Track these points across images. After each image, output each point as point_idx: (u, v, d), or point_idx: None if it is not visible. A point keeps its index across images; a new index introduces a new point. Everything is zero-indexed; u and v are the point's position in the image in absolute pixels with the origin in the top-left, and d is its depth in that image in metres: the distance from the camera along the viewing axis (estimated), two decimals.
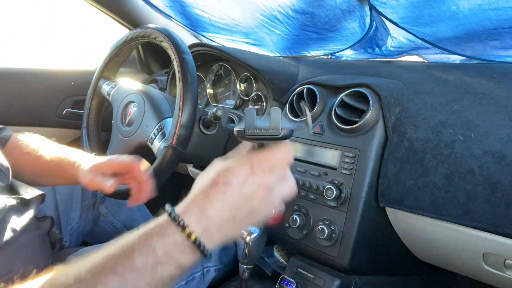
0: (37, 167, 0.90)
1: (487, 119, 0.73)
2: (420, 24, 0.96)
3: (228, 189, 0.46)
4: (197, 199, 0.47)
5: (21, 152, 0.90)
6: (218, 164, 0.50)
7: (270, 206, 0.49)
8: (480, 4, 0.82)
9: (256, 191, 0.47)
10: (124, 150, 1.11)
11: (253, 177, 0.47)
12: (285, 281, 0.89)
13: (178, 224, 0.44)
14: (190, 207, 0.46)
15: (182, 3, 1.32)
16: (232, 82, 1.27)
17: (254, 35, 1.36)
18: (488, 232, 0.71)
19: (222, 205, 0.46)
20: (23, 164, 0.90)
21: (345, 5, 1.02)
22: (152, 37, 1.04)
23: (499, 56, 0.96)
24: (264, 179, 0.48)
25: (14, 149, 0.91)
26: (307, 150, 0.92)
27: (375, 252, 0.89)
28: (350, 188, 0.83)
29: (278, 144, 0.51)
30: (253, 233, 0.81)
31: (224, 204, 0.46)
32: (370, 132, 0.83)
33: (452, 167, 0.73)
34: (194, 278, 0.93)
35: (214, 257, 0.98)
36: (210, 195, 0.46)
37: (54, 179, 0.91)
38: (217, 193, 0.46)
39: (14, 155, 0.89)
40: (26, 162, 0.90)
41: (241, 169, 0.48)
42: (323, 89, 0.95)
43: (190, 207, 0.46)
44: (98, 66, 1.18)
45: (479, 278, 0.87)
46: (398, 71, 0.95)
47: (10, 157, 0.87)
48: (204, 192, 0.47)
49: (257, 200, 0.48)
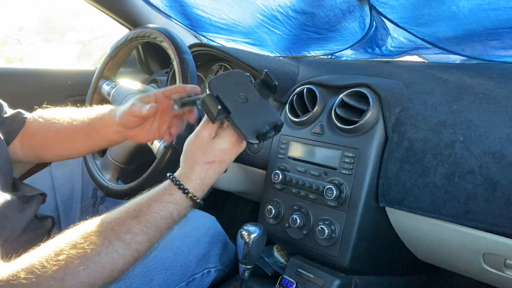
0: (69, 135, 0.86)
1: (487, 119, 0.73)
2: (420, 24, 0.96)
3: (222, 165, 0.65)
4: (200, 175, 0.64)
5: (48, 128, 0.88)
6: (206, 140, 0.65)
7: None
8: (480, 4, 0.82)
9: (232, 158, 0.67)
10: (124, 150, 1.11)
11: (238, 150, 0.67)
12: (285, 281, 0.89)
13: (189, 197, 0.62)
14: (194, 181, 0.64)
15: (182, 3, 1.32)
16: None
17: (254, 35, 1.35)
18: (488, 232, 0.71)
19: (216, 176, 0.65)
20: (53, 138, 0.87)
21: (345, 5, 1.02)
22: (152, 37, 1.04)
23: (499, 56, 0.96)
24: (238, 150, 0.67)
25: (38, 128, 0.88)
26: (307, 150, 0.92)
27: (375, 252, 0.89)
28: (350, 188, 0.83)
29: None
30: (253, 233, 0.81)
31: (217, 175, 0.66)
32: (370, 132, 0.83)
33: (452, 167, 0.73)
34: (194, 279, 0.93)
35: (215, 257, 0.99)
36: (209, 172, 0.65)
37: (90, 141, 0.86)
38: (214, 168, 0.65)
39: (40, 133, 0.87)
40: (55, 135, 0.87)
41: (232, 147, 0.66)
42: (323, 89, 0.95)
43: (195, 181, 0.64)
44: (98, 66, 1.18)
45: (479, 278, 0.87)
46: (398, 71, 0.95)
47: (35, 137, 0.86)
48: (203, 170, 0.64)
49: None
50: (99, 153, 1.20)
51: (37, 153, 0.90)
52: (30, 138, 0.88)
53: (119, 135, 0.82)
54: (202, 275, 0.95)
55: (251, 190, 1.21)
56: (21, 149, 0.89)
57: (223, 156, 0.65)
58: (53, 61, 1.77)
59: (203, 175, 0.65)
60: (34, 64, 1.57)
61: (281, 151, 0.98)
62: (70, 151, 0.90)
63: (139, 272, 0.83)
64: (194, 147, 0.66)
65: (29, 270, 0.49)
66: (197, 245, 0.94)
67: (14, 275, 0.48)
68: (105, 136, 0.84)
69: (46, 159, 0.94)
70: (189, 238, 0.94)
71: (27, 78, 1.43)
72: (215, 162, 0.65)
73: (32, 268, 0.49)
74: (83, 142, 0.87)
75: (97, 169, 1.12)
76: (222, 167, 0.66)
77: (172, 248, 0.90)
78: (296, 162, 0.94)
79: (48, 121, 0.89)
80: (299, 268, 0.90)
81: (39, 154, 0.90)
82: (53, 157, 0.93)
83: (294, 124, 0.97)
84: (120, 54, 1.16)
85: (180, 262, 0.90)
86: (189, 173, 0.64)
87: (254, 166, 1.08)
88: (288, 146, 0.96)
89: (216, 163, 0.65)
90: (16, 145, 0.88)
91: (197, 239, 0.95)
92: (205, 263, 0.96)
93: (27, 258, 0.51)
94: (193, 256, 0.93)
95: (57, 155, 0.91)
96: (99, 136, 0.84)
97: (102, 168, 1.13)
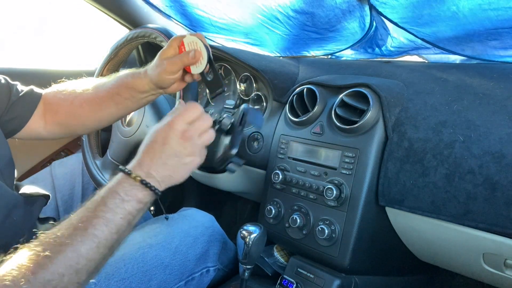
0: (97, 105, 0.87)
1: (487, 119, 0.73)
2: (420, 24, 0.96)
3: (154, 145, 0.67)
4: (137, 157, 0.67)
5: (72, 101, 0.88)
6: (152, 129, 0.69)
7: (191, 148, 0.68)
8: (480, 4, 0.82)
9: (174, 139, 0.67)
10: (124, 150, 1.11)
11: (170, 129, 0.67)
12: (285, 281, 0.89)
13: (126, 173, 0.64)
14: (133, 162, 0.66)
15: (182, 3, 1.32)
16: (232, 82, 1.27)
17: (254, 35, 1.35)
18: (488, 232, 0.71)
19: (152, 156, 0.66)
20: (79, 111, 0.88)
21: (345, 5, 1.02)
22: (152, 37, 1.04)
23: (499, 56, 0.96)
24: (177, 129, 0.67)
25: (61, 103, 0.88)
26: (307, 150, 0.92)
27: (375, 252, 0.89)
28: (350, 188, 0.83)
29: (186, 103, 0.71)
30: (253, 233, 0.81)
31: (154, 155, 0.66)
32: (370, 132, 0.83)
33: (452, 167, 0.73)
34: (193, 278, 0.93)
35: (213, 257, 0.98)
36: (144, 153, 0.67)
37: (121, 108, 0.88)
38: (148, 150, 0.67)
39: (64, 108, 0.88)
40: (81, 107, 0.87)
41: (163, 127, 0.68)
42: (323, 89, 0.95)
43: (133, 162, 0.66)
44: (98, 66, 1.18)
45: (479, 278, 0.87)
46: (398, 71, 0.95)
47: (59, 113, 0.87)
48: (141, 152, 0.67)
49: (176, 146, 0.67)
50: (99, 153, 1.20)
51: (65, 128, 0.91)
52: (54, 115, 0.88)
53: (154, 97, 0.86)
54: (201, 274, 0.95)
55: (251, 190, 1.21)
56: (44, 126, 0.89)
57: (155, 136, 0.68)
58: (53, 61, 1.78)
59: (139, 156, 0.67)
60: (34, 64, 1.57)
61: (281, 151, 0.98)
62: (99, 121, 0.90)
63: (138, 271, 0.83)
64: None
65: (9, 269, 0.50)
66: (195, 244, 0.94)
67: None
68: (140, 101, 0.87)
69: (75, 132, 0.95)
70: (187, 237, 0.94)
71: (27, 78, 1.43)
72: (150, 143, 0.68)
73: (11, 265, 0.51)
74: (113, 111, 0.88)
75: (97, 169, 1.13)
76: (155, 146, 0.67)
77: (171, 247, 0.90)
78: (296, 162, 0.94)
79: (70, 95, 0.89)
80: (299, 268, 0.90)
81: (68, 128, 0.91)
82: (82, 130, 0.94)
83: (294, 124, 0.97)
84: (120, 54, 1.16)
85: (179, 261, 0.90)
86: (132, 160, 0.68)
87: (254, 166, 1.08)
88: (288, 146, 0.96)
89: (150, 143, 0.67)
90: (37, 123, 0.88)
91: (195, 238, 0.95)
92: (204, 262, 0.96)
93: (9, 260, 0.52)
94: (192, 255, 0.92)
95: (86, 127, 0.92)
96: (133, 103, 0.87)
97: (102, 168, 1.14)
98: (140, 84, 0.83)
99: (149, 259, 0.85)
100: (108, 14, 1.42)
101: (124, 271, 0.81)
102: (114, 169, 1.10)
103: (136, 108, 0.90)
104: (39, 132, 0.89)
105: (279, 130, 1.01)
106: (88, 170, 1.13)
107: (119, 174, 0.65)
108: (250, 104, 1.18)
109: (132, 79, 0.84)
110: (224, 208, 1.75)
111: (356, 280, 0.87)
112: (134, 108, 0.90)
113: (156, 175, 0.65)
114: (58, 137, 0.95)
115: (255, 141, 1.08)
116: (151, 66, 0.81)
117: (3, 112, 0.83)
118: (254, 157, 1.07)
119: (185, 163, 0.68)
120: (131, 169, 0.65)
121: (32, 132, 0.88)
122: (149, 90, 0.83)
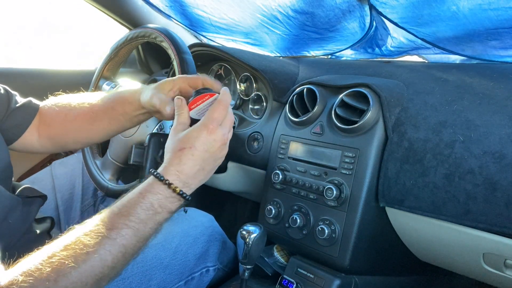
0: (90, 121, 0.86)
1: (487, 119, 0.73)
2: (420, 24, 0.96)
3: (194, 151, 0.65)
4: (172, 162, 0.65)
5: (65, 115, 0.87)
6: (178, 133, 0.68)
7: (225, 150, 0.70)
8: (480, 4, 0.82)
9: (214, 144, 0.67)
10: (124, 150, 1.11)
11: (210, 135, 0.66)
12: (285, 281, 0.89)
13: (164, 183, 0.62)
14: (169, 169, 0.64)
15: (182, 3, 1.32)
16: (232, 82, 1.27)
17: (254, 35, 1.35)
18: (488, 232, 0.71)
19: (192, 163, 0.65)
20: (72, 125, 0.87)
21: (345, 5, 1.02)
22: (152, 37, 1.04)
23: (499, 56, 0.96)
24: (217, 134, 0.67)
25: (54, 117, 0.88)
26: (307, 150, 0.92)
27: (375, 252, 0.89)
28: (350, 188, 0.83)
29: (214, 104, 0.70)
30: (253, 233, 0.81)
31: (193, 162, 0.65)
32: (370, 132, 0.83)
33: (452, 167, 0.73)
34: (193, 278, 0.93)
35: (213, 256, 0.99)
36: (182, 159, 0.65)
37: (114, 125, 0.87)
38: (186, 155, 0.65)
39: (57, 122, 0.87)
40: (74, 122, 0.86)
41: (199, 132, 0.66)
42: (323, 89, 0.95)
43: (169, 169, 0.64)
44: (98, 66, 1.18)
45: (479, 278, 0.87)
46: (398, 71, 0.95)
47: (52, 127, 0.85)
48: (176, 157, 0.65)
49: (217, 151, 0.67)
50: (99, 153, 1.20)
51: (56, 143, 0.90)
52: (47, 128, 0.87)
53: (147, 116, 0.85)
54: (201, 274, 0.95)
55: (251, 190, 1.21)
56: (38, 139, 0.88)
57: (192, 142, 0.66)
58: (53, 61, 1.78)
59: (176, 162, 0.65)
60: (34, 64, 1.57)
61: (281, 151, 0.98)
62: (92, 137, 0.89)
63: (137, 271, 0.83)
64: (169, 142, 0.69)
65: (27, 274, 0.50)
66: (195, 244, 0.94)
67: (14, 280, 0.50)
68: (134, 119, 0.85)
69: (66, 148, 0.94)
70: (187, 237, 0.94)
71: (27, 78, 1.43)
72: (185, 148, 0.66)
73: (29, 271, 0.51)
74: (107, 127, 0.87)
75: (97, 169, 1.12)
76: (195, 153, 0.66)
77: (171, 247, 0.90)
78: (296, 162, 0.94)
79: (64, 108, 0.88)
80: (299, 268, 0.90)
81: (58, 143, 0.90)
82: (73, 145, 0.93)
83: (294, 124, 0.97)
84: (120, 54, 1.16)
85: (179, 261, 0.90)
86: (165, 164, 0.66)
87: (254, 166, 1.08)
88: (288, 146, 0.96)
89: (186, 149, 0.66)
90: (32, 136, 0.87)
91: (195, 238, 0.95)
92: (204, 262, 0.96)
93: (24, 263, 0.53)
94: (192, 255, 0.93)
95: (77, 142, 0.91)
96: (126, 120, 0.85)
97: (102, 168, 1.13)
98: (134, 100, 0.82)
99: (149, 259, 0.85)
100: (108, 14, 1.42)
101: (124, 271, 0.81)
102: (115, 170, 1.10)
103: (128, 126, 0.89)
104: (32, 145, 0.88)
105: (279, 130, 1.01)
106: (88, 170, 1.12)
107: (153, 180, 0.63)
108: (250, 104, 1.18)
109: (128, 94, 0.84)
110: (224, 208, 1.74)
111: (356, 280, 0.87)
112: (126, 126, 0.88)
113: (192, 183, 0.65)
114: (49, 151, 0.94)
115: (255, 141, 1.08)
116: (147, 90, 0.80)
117: (1, 120, 0.82)
118: (254, 157, 1.07)
119: (218, 164, 0.70)
120: (168, 176, 0.63)
121: (27, 143, 0.87)
122: (141, 109, 0.82)
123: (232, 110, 1.22)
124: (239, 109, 1.22)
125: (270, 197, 0.98)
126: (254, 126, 1.10)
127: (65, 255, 0.53)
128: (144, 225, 0.60)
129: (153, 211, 0.61)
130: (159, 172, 0.64)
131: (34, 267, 0.51)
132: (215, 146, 0.67)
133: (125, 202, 0.61)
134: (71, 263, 0.52)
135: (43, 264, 0.51)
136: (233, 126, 0.74)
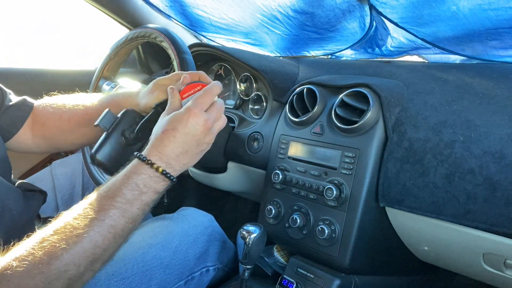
0: (85, 122, 0.86)
1: (487, 119, 0.73)
2: (420, 24, 0.96)
3: (175, 133, 0.66)
4: (155, 144, 0.66)
5: (60, 116, 0.87)
6: (165, 116, 0.69)
7: (210, 136, 0.70)
8: (480, 4, 0.82)
9: (196, 128, 0.67)
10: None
11: (192, 118, 0.67)
12: (285, 281, 0.89)
13: (147, 163, 0.64)
14: (151, 151, 0.66)
15: (182, 3, 1.32)
16: (232, 82, 1.27)
17: (254, 35, 1.35)
18: (488, 232, 0.71)
19: (173, 145, 0.66)
20: (66, 126, 0.87)
21: (345, 5, 1.02)
22: (152, 37, 1.04)
23: (499, 56, 0.96)
24: (200, 118, 0.67)
25: (49, 117, 0.87)
26: (307, 150, 0.92)
27: (375, 252, 0.89)
28: (350, 188, 0.83)
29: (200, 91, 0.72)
30: (253, 233, 0.81)
31: (175, 144, 0.66)
32: (370, 132, 0.83)
33: (452, 167, 0.73)
34: (193, 278, 0.93)
35: (213, 256, 0.99)
36: (163, 140, 0.66)
37: None
38: (168, 137, 0.66)
39: (52, 122, 0.87)
40: (69, 123, 0.87)
41: (182, 116, 0.67)
42: (323, 89, 0.95)
43: (152, 150, 0.66)
44: (98, 66, 1.18)
45: (479, 278, 0.87)
46: (398, 71, 0.95)
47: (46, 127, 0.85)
48: (159, 139, 0.66)
49: (199, 134, 0.68)
50: None
51: (50, 143, 0.90)
52: (41, 128, 0.87)
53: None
54: (200, 273, 0.95)
55: (251, 190, 1.21)
56: (32, 139, 0.88)
57: (175, 124, 0.67)
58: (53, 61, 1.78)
59: (158, 143, 0.67)
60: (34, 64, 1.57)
61: (281, 151, 0.98)
62: (86, 139, 0.90)
63: (137, 271, 0.83)
64: (156, 125, 0.71)
65: (20, 259, 0.51)
66: (195, 244, 0.94)
67: (8, 265, 0.51)
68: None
69: (61, 148, 0.94)
70: (187, 236, 0.94)
71: (27, 78, 1.43)
72: (168, 130, 0.67)
73: (22, 256, 0.52)
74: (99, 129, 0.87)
75: (97, 169, 1.12)
76: (176, 135, 0.67)
77: (171, 246, 0.90)
78: (296, 162, 0.94)
79: (59, 109, 0.88)
80: (299, 268, 0.90)
81: (53, 143, 0.90)
82: (67, 146, 0.93)
83: (294, 124, 0.97)
84: (120, 54, 1.16)
85: (179, 261, 0.90)
86: (148, 146, 0.68)
87: (254, 166, 1.08)
88: (288, 146, 0.96)
89: (169, 131, 0.67)
90: (26, 135, 0.87)
91: (195, 238, 0.95)
92: (204, 262, 0.96)
93: (16, 249, 0.54)
94: (192, 254, 0.93)
95: (71, 143, 0.91)
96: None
97: None
98: (130, 105, 0.83)
99: (149, 259, 0.85)
100: (108, 14, 1.42)
101: (124, 271, 0.81)
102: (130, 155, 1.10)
103: None
104: (27, 144, 0.88)
105: (279, 130, 1.01)
106: (88, 170, 1.12)
107: (137, 161, 0.65)
108: (250, 104, 1.18)
109: (123, 98, 0.84)
110: (224, 208, 1.74)
111: (356, 280, 0.87)
112: None
113: (175, 164, 0.66)
114: (43, 151, 0.94)
115: (255, 141, 1.08)
116: (143, 91, 0.81)
117: None
118: (254, 157, 1.07)
119: (203, 150, 0.71)
120: (150, 157, 0.64)
121: (21, 142, 0.87)
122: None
123: (232, 110, 1.23)
124: (239, 109, 1.22)
125: (270, 197, 0.98)
126: (254, 126, 1.10)
127: (56, 238, 0.54)
128: (131, 205, 0.61)
129: (139, 191, 0.62)
130: (142, 154, 0.66)
131: (26, 252, 0.52)
132: (198, 130, 0.68)
133: (110, 185, 0.62)
134: (63, 245, 0.53)
135: (35, 248, 0.52)
136: (227, 122, 0.75)
